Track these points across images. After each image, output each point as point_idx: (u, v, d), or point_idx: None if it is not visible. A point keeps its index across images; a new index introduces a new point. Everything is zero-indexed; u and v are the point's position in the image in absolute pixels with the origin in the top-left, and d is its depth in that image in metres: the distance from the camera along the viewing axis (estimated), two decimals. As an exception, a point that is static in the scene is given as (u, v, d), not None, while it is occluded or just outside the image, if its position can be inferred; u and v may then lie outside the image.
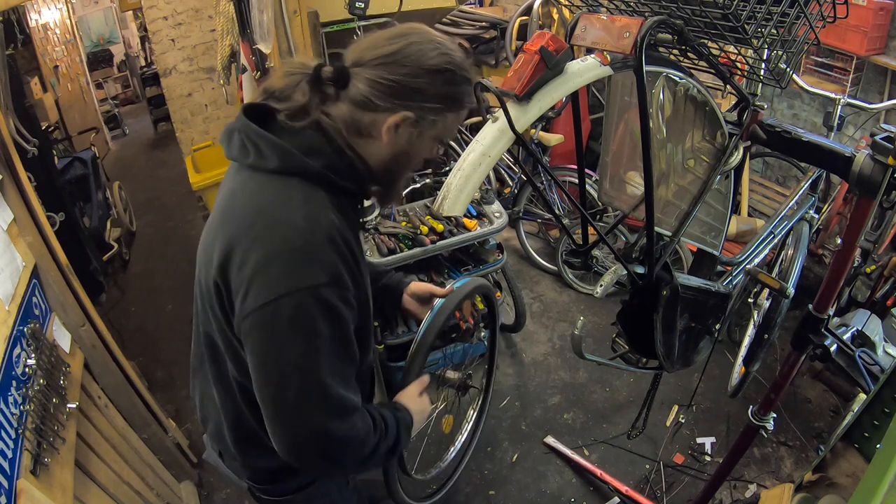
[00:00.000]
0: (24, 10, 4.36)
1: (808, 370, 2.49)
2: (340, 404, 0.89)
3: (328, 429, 0.88)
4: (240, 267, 0.85)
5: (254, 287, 0.84)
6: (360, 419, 0.93)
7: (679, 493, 2.13)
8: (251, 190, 0.90)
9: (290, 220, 0.85)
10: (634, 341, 1.48)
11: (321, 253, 0.85)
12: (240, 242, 0.86)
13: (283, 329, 0.83)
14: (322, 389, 0.86)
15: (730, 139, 1.29)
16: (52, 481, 1.27)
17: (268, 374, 0.87)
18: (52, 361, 1.48)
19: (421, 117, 0.91)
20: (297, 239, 0.84)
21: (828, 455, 1.22)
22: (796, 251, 1.90)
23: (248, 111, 0.93)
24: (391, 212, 2.50)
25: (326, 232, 0.86)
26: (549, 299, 3.22)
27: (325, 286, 0.84)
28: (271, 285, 0.83)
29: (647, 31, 0.94)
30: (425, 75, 0.89)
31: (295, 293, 0.82)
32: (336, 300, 0.86)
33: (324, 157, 0.90)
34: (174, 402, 2.64)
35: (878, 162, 1.10)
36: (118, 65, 7.88)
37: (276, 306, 0.82)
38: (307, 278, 0.83)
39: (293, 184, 0.88)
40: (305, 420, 0.87)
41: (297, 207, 0.86)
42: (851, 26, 2.43)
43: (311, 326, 0.84)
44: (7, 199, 1.56)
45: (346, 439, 0.91)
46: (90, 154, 4.03)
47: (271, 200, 0.88)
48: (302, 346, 0.84)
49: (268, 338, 0.85)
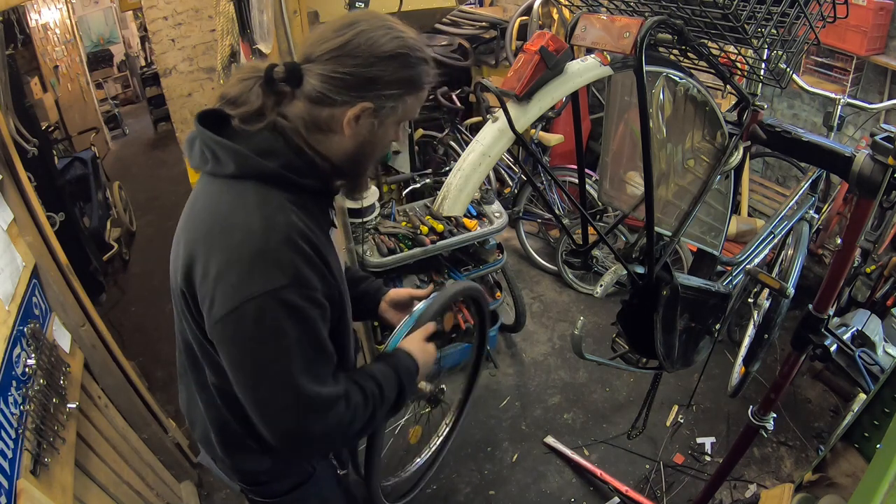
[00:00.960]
0: (24, 10, 4.36)
1: (808, 370, 2.49)
2: (316, 402, 0.88)
3: (306, 427, 0.89)
4: (203, 276, 0.86)
5: (218, 295, 0.84)
6: (344, 405, 0.92)
7: (679, 493, 2.13)
8: (209, 196, 0.91)
9: (246, 225, 0.84)
10: (634, 341, 1.48)
11: (279, 254, 0.84)
12: (200, 250, 0.87)
13: (250, 334, 0.84)
14: (294, 391, 0.86)
15: (730, 139, 1.29)
16: (52, 481, 1.27)
17: (243, 378, 0.88)
18: (52, 361, 1.48)
19: (380, 106, 0.90)
20: (254, 243, 0.83)
21: (828, 455, 1.22)
22: (796, 251, 1.90)
23: (204, 118, 0.92)
24: (391, 212, 2.50)
25: (284, 233, 0.85)
26: (549, 299, 3.22)
27: (286, 288, 0.83)
28: (233, 292, 0.83)
29: (647, 31, 0.94)
30: (379, 63, 0.87)
31: (257, 297, 0.82)
32: (300, 300, 0.85)
33: (280, 158, 0.89)
34: (174, 402, 2.63)
35: (878, 162, 1.11)
36: (118, 65, 7.88)
37: (241, 313, 0.82)
38: (267, 282, 0.82)
39: (249, 187, 0.88)
40: (283, 420, 0.88)
41: (252, 211, 0.85)
42: (851, 26, 2.44)
43: (277, 329, 0.84)
44: (7, 199, 1.56)
45: (328, 431, 0.91)
46: (90, 154, 4.03)
47: (227, 206, 0.87)
48: (270, 350, 0.85)
49: (237, 344, 0.86)
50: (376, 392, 0.99)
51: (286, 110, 0.90)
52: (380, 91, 0.89)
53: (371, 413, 0.98)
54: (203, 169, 0.91)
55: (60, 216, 2.13)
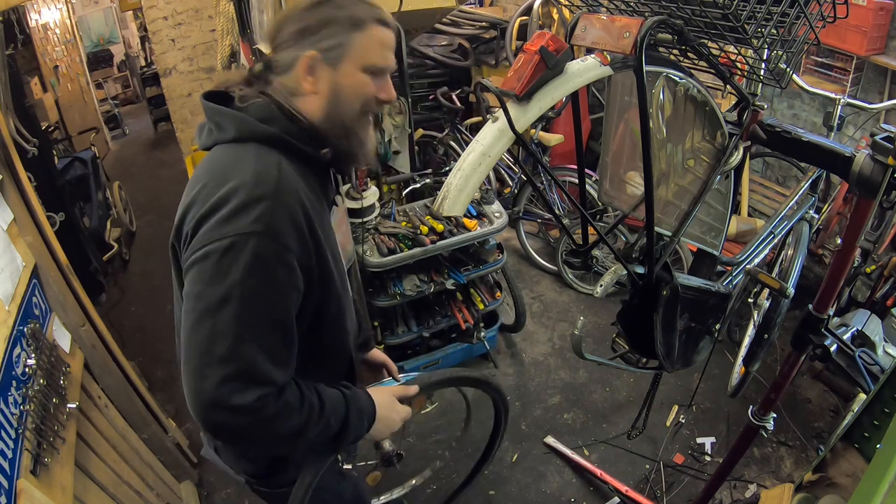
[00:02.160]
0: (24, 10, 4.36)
1: (808, 370, 2.49)
2: (249, 369, 0.81)
3: (226, 393, 0.80)
4: (191, 219, 0.86)
5: (199, 232, 0.84)
6: (275, 397, 0.84)
7: (679, 493, 2.13)
8: (210, 159, 0.94)
9: (240, 175, 0.86)
10: (634, 341, 1.47)
11: (261, 204, 0.83)
12: (193, 202, 0.88)
13: (210, 272, 0.82)
14: (229, 344, 0.80)
15: (730, 139, 1.29)
16: (52, 481, 1.27)
17: (188, 321, 0.82)
18: (52, 361, 1.48)
19: (323, 51, 0.92)
20: (242, 191, 0.84)
21: (828, 455, 1.22)
22: (796, 251, 1.90)
23: (209, 96, 0.97)
24: (391, 212, 2.50)
25: (274, 184, 0.85)
26: (549, 299, 3.22)
27: (258, 235, 0.82)
28: (209, 232, 0.83)
29: (647, 31, 0.94)
30: (306, 13, 0.93)
31: (226, 238, 0.81)
32: (268, 254, 0.83)
33: (279, 123, 0.92)
34: (174, 402, 2.64)
35: (878, 162, 1.10)
36: (118, 65, 7.88)
37: (208, 250, 0.82)
38: (240, 226, 0.82)
39: (249, 148, 0.90)
40: (207, 374, 0.80)
41: (247, 165, 0.87)
42: (851, 26, 2.43)
43: (236, 272, 0.81)
44: (7, 199, 1.56)
45: (246, 411, 0.81)
46: (90, 154, 4.03)
47: (225, 163, 0.90)
48: (222, 290, 0.81)
49: (196, 281, 0.83)
50: (315, 406, 0.91)
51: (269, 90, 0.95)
52: (314, 38, 0.92)
53: (302, 423, 0.89)
54: (208, 143, 0.95)
55: (60, 216, 2.13)
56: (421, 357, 2.57)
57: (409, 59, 3.28)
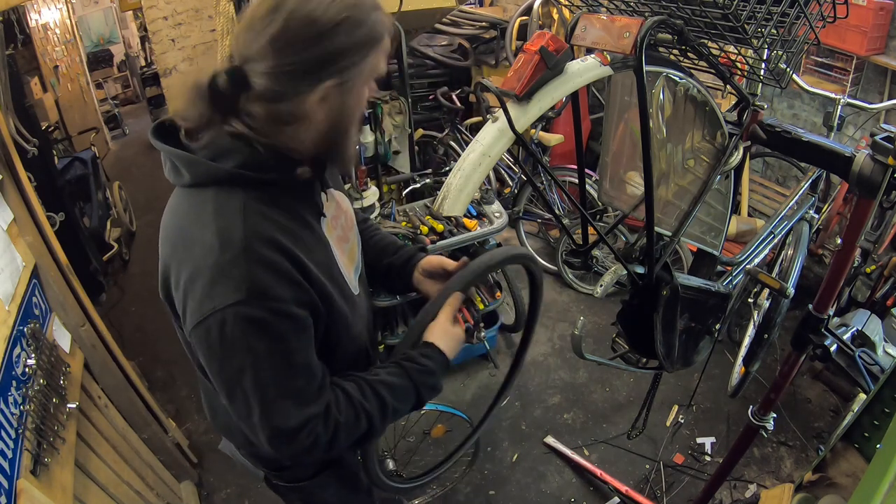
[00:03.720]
0: (24, 10, 4.36)
1: (808, 370, 2.49)
2: (286, 424, 0.84)
3: (277, 447, 0.86)
4: (175, 288, 0.85)
5: (188, 307, 0.83)
6: (324, 427, 0.87)
7: (679, 493, 2.13)
8: (174, 210, 0.90)
9: (203, 239, 0.81)
10: (634, 341, 1.48)
11: (235, 268, 0.79)
12: (171, 264, 0.86)
13: (217, 347, 0.82)
14: (260, 411, 0.83)
15: (730, 139, 1.29)
16: (52, 481, 1.27)
17: (219, 387, 0.86)
18: (52, 361, 1.48)
19: (344, 79, 0.82)
20: (212, 256, 0.80)
21: (828, 455, 1.22)
22: (796, 251, 1.90)
23: (160, 130, 0.89)
24: (391, 212, 2.50)
25: (241, 244, 0.80)
26: (549, 299, 3.22)
27: (244, 303, 0.79)
28: (198, 306, 0.81)
29: (647, 31, 0.94)
30: (327, 37, 0.79)
31: (217, 312, 0.79)
32: (263, 314, 0.80)
33: (236, 156, 0.83)
34: (174, 402, 2.65)
35: (878, 162, 1.10)
36: (118, 65, 7.87)
37: (206, 325, 0.81)
38: (226, 296, 0.79)
39: (208, 195, 0.84)
40: (256, 434, 0.86)
41: (208, 223, 0.82)
42: (851, 26, 2.43)
43: (241, 344, 0.81)
44: (7, 199, 1.56)
45: (304, 451, 0.87)
46: (90, 154, 4.03)
47: (188, 218, 0.85)
48: (237, 364, 0.82)
49: (208, 356, 0.84)
50: (374, 410, 0.93)
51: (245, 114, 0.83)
52: (338, 64, 0.81)
53: (366, 426, 0.93)
54: (172, 181, 0.90)
55: (60, 216, 2.13)
56: (421, 357, 2.57)
57: (409, 59, 3.27)
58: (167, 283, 0.87)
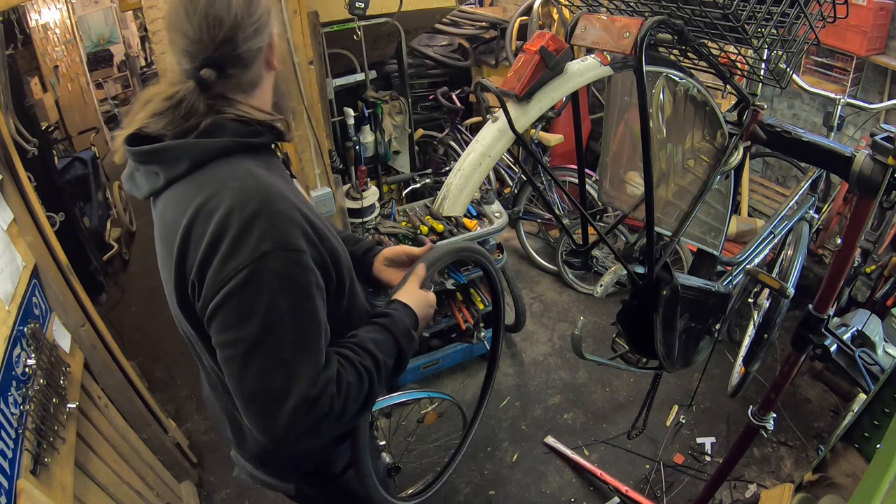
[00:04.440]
0: (24, 10, 4.35)
1: (808, 370, 2.49)
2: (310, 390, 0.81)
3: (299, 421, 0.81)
4: (191, 267, 0.84)
5: (208, 279, 0.81)
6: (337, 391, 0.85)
7: (679, 493, 2.13)
8: (175, 204, 0.87)
9: (221, 202, 0.82)
10: (634, 341, 1.48)
11: (259, 220, 0.80)
12: (186, 248, 0.84)
13: (235, 316, 0.80)
14: (285, 375, 0.80)
15: (730, 139, 1.29)
16: (52, 481, 1.27)
17: (230, 366, 0.82)
18: (52, 361, 1.48)
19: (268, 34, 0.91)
20: (233, 216, 0.80)
21: (828, 455, 1.22)
22: (796, 251, 1.90)
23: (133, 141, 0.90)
24: (391, 212, 2.51)
25: (259, 194, 0.82)
26: (549, 299, 3.22)
27: (269, 254, 0.79)
28: (220, 270, 0.80)
29: (647, 31, 0.94)
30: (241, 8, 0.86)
31: (238, 273, 0.79)
32: (286, 267, 0.81)
33: (227, 130, 0.87)
34: (174, 402, 2.65)
35: (878, 162, 1.11)
36: (118, 65, 7.86)
37: (225, 293, 0.79)
38: (248, 253, 0.79)
39: (209, 173, 0.85)
40: (274, 413, 0.80)
41: (222, 187, 0.83)
42: (851, 26, 2.43)
43: (262, 303, 0.79)
44: (7, 199, 1.56)
45: (322, 420, 0.83)
46: (90, 154, 4.02)
47: (196, 197, 0.84)
48: (256, 327, 0.79)
49: (224, 329, 0.82)
50: (370, 366, 0.91)
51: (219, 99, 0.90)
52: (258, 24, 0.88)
53: (368, 387, 0.90)
54: (157, 186, 0.89)
55: (60, 216, 2.13)
56: (421, 357, 2.57)
57: (409, 59, 3.27)
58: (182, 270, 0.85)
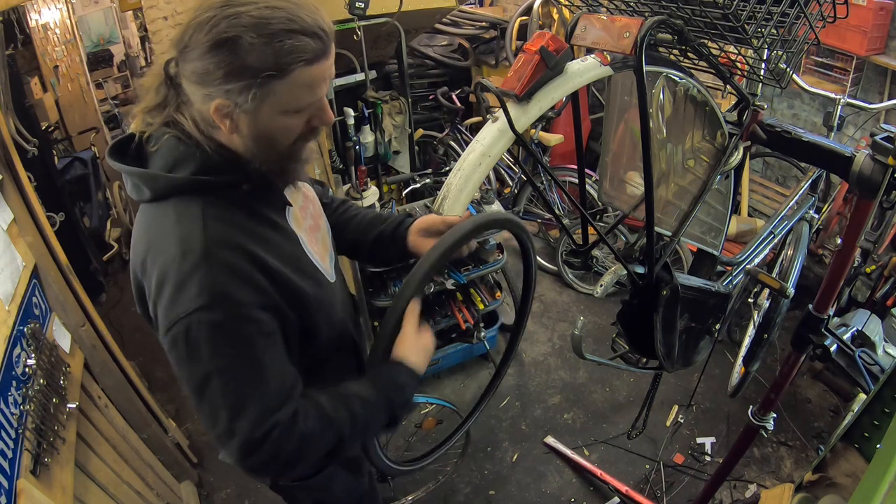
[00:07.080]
0: (24, 10, 4.35)
1: (808, 370, 2.49)
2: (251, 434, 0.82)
3: (245, 456, 0.84)
4: (149, 298, 0.86)
5: (158, 316, 0.84)
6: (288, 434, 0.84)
7: (679, 493, 2.13)
8: (140, 224, 0.90)
9: (167, 250, 0.83)
10: (634, 341, 1.48)
11: (195, 275, 0.80)
12: (142, 279, 0.87)
13: (184, 355, 0.82)
14: (227, 419, 0.82)
15: (730, 139, 1.29)
16: (52, 481, 1.27)
17: (190, 397, 0.86)
18: (52, 361, 1.48)
19: (234, 102, 0.78)
20: (173, 266, 0.81)
21: (828, 455, 1.22)
22: (796, 251, 1.90)
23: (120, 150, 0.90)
24: (391, 212, 2.50)
25: (201, 250, 0.81)
26: (549, 299, 3.22)
27: (205, 308, 0.79)
28: (165, 314, 0.82)
29: (647, 31, 0.94)
30: (209, 55, 0.75)
31: (181, 319, 0.80)
32: (224, 320, 0.81)
33: (191, 163, 0.84)
34: (174, 402, 2.64)
35: (878, 162, 1.11)
36: (118, 65, 7.86)
37: (173, 333, 0.81)
38: (189, 303, 0.80)
39: (169, 206, 0.85)
40: (224, 443, 0.84)
41: (170, 233, 0.83)
42: (851, 26, 2.43)
43: (206, 350, 0.81)
44: (7, 199, 1.56)
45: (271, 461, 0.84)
46: (90, 154, 4.03)
47: (151, 233, 0.87)
48: (201, 372, 0.82)
49: (176, 363, 0.84)
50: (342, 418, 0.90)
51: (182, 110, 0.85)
52: (220, 86, 0.76)
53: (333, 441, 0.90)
54: (142, 199, 0.90)
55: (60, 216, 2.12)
56: (421, 357, 2.57)
57: (409, 59, 3.27)
58: (143, 297, 0.88)
